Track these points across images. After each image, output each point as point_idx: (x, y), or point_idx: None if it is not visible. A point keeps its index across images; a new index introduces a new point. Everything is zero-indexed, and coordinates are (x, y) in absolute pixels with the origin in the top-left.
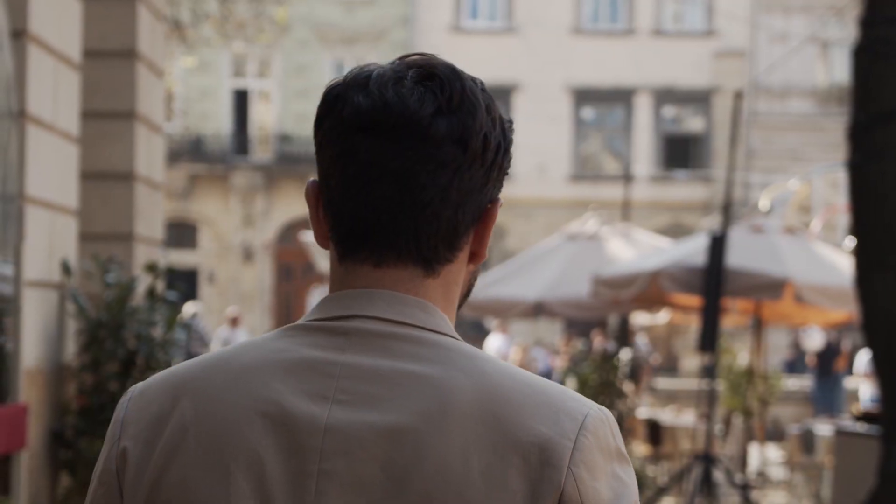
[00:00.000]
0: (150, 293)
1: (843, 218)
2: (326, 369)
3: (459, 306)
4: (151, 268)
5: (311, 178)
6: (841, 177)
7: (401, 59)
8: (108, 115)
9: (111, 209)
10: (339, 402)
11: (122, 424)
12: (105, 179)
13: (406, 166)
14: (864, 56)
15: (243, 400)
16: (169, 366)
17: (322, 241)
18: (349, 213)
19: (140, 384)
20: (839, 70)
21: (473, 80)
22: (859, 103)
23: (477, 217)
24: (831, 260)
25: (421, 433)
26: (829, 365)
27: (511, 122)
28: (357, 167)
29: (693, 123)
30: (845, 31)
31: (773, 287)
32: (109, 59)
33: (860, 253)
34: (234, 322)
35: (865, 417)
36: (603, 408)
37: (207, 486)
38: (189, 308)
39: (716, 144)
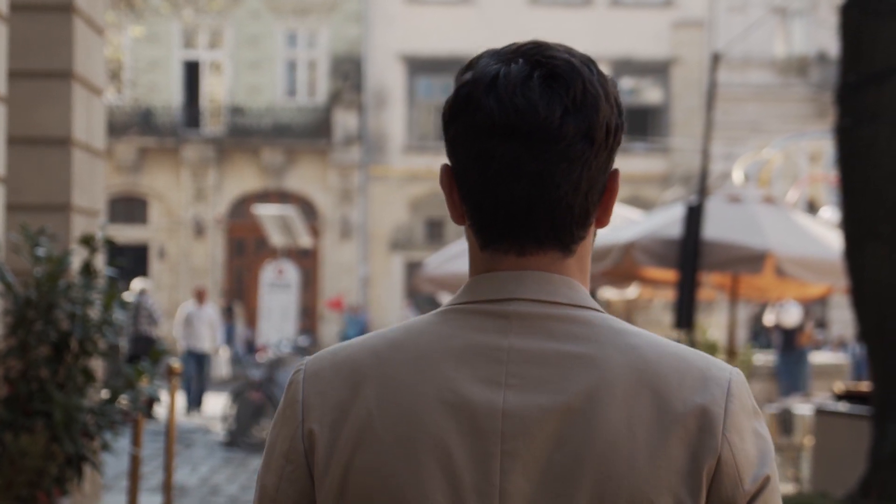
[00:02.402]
0: (86, 269)
1: (822, 188)
2: (495, 354)
3: None
4: (87, 240)
5: (444, 163)
6: (818, 145)
7: (516, 50)
8: (41, 74)
9: (45, 177)
10: (512, 387)
11: (302, 405)
12: (38, 145)
13: (542, 168)
14: (854, 12)
15: (423, 387)
16: (108, 349)
17: (458, 220)
18: (489, 207)
19: (310, 364)
20: (799, 41)
21: (588, 66)
22: (848, 63)
23: (602, 192)
24: (812, 231)
25: (589, 412)
26: (792, 340)
27: (616, 83)
28: (495, 168)
29: (651, 95)
30: (805, 1)
31: (752, 259)
32: (43, 14)
33: (849, 223)
34: (201, 297)
35: (848, 396)
36: (736, 369)
37: (399, 471)
38: (137, 284)
39: (675, 116)
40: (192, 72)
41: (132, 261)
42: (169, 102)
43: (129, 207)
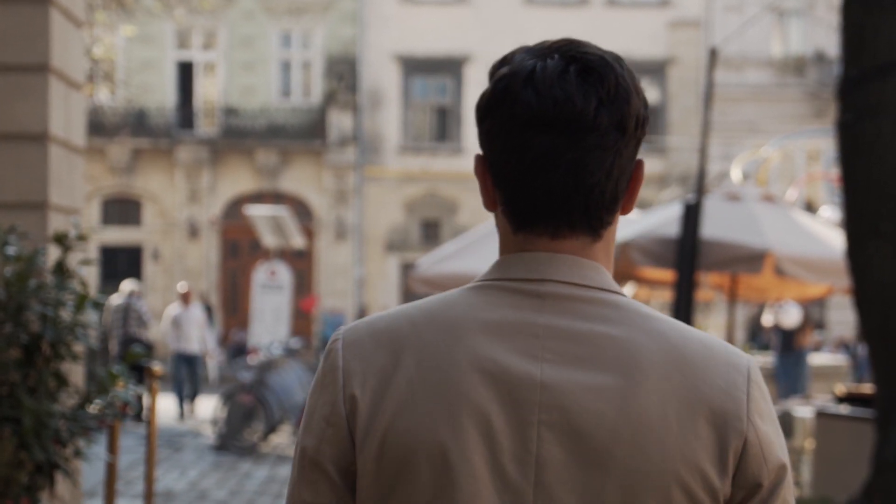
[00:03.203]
0: (58, 268)
1: (823, 186)
2: (531, 329)
3: None
4: (60, 238)
5: (477, 153)
6: (817, 144)
7: (550, 46)
8: (15, 67)
9: (21, 174)
10: (548, 361)
11: (343, 372)
12: (13, 140)
13: (578, 156)
14: (856, 5)
15: (461, 356)
16: (83, 353)
17: (490, 206)
18: (527, 195)
19: (348, 333)
20: (796, 40)
21: (619, 61)
22: (850, 57)
23: (629, 180)
24: (813, 229)
25: (624, 389)
26: (792, 341)
27: (639, 78)
28: (533, 157)
29: (648, 95)
30: (802, 1)
31: (751, 259)
32: (18, 5)
33: (852, 221)
34: (186, 299)
35: (849, 398)
36: (752, 357)
37: (441, 433)
38: (126, 286)
39: (672, 116)
40: (185, 72)
41: (126, 262)
42: (163, 103)
43: (122, 209)
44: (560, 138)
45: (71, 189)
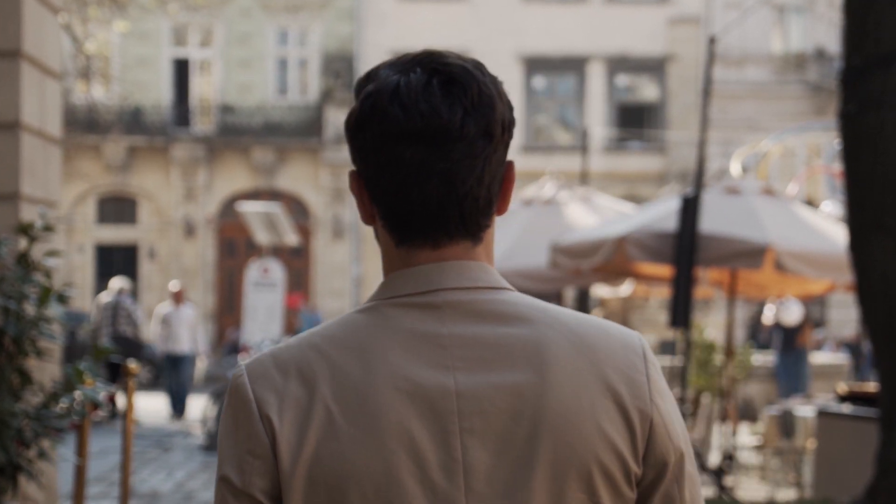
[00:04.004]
0: (22, 259)
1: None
2: (437, 341)
3: None
4: (25, 229)
5: (351, 170)
6: (818, 139)
7: (412, 60)
8: None
9: None
10: (459, 369)
11: (256, 404)
12: None
13: (448, 166)
14: None
15: (374, 378)
16: (48, 348)
17: (368, 221)
18: (403, 207)
19: (251, 367)
20: (796, 37)
21: (479, 69)
22: (853, 46)
23: (501, 183)
24: (814, 224)
25: (537, 385)
26: (792, 339)
27: (501, 82)
28: (406, 171)
29: (647, 92)
30: None
31: (752, 254)
32: None
33: (855, 215)
34: (178, 298)
35: (851, 397)
36: (638, 333)
37: (369, 458)
38: (115, 284)
39: (671, 113)
40: (181, 70)
41: (122, 261)
42: (158, 101)
43: (118, 207)
44: (430, 151)
45: (46, 180)
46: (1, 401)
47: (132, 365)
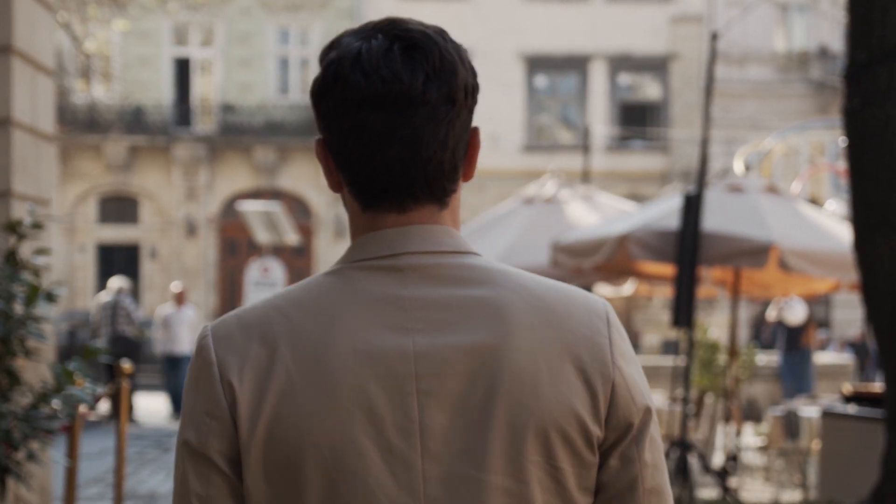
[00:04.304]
0: (10, 258)
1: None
2: (398, 303)
3: None
4: (13, 226)
5: (317, 137)
6: (821, 137)
7: (374, 27)
8: None
9: None
10: (419, 331)
11: (218, 366)
12: None
13: (410, 131)
14: None
15: (334, 340)
16: (38, 348)
17: (335, 188)
18: (368, 172)
19: (217, 328)
20: (799, 36)
21: (442, 35)
22: (857, 41)
23: (466, 148)
24: (818, 222)
25: (495, 347)
26: (796, 339)
27: (465, 49)
28: (369, 136)
29: (650, 91)
30: None
31: (755, 252)
32: None
33: (860, 212)
34: (180, 299)
35: (857, 397)
36: (604, 300)
37: (326, 420)
38: (114, 283)
39: (674, 112)
40: (182, 69)
41: (123, 261)
42: (159, 100)
43: (119, 207)
44: (392, 115)
45: (38, 178)
46: None
47: (126, 365)
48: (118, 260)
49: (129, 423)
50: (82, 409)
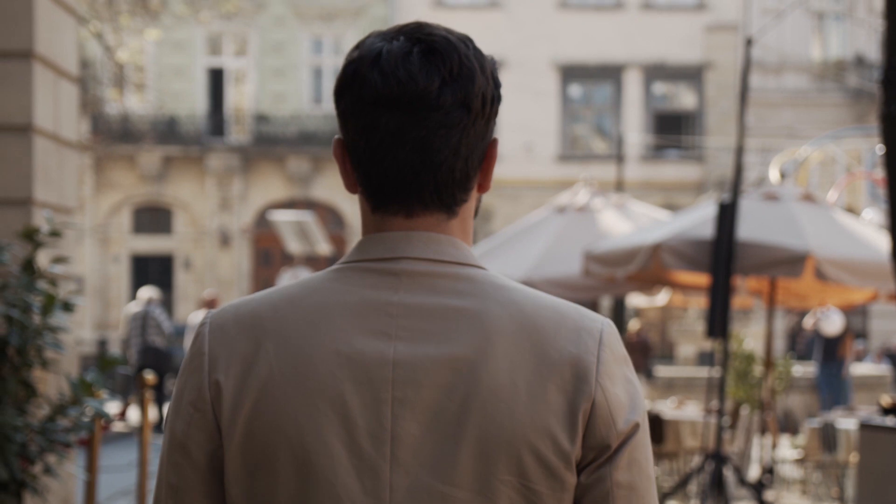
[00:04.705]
0: (27, 266)
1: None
2: (386, 308)
3: None
4: (29, 234)
5: (336, 136)
6: (858, 146)
7: (399, 30)
8: None
9: (1, 169)
10: (401, 339)
11: (208, 357)
12: None
13: (422, 134)
14: None
15: (318, 340)
16: (50, 358)
17: (350, 188)
18: (378, 174)
19: (214, 318)
20: (835, 44)
21: (465, 42)
22: (894, 46)
23: (482, 159)
24: (856, 231)
25: (474, 361)
26: (833, 350)
27: (494, 61)
28: (381, 137)
29: (685, 100)
30: (841, 4)
31: (791, 262)
32: None
33: None
34: (211, 305)
35: (895, 410)
36: (608, 320)
37: (299, 419)
38: (144, 293)
39: (709, 121)
40: (216, 79)
41: (157, 271)
42: (193, 111)
43: (153, 217)
44: (405, 117)
45: (61, 185)
46: (3, 414)
47: (149, 376)
48: (152, 270)
49: (157, 433)
50: (104, 420)
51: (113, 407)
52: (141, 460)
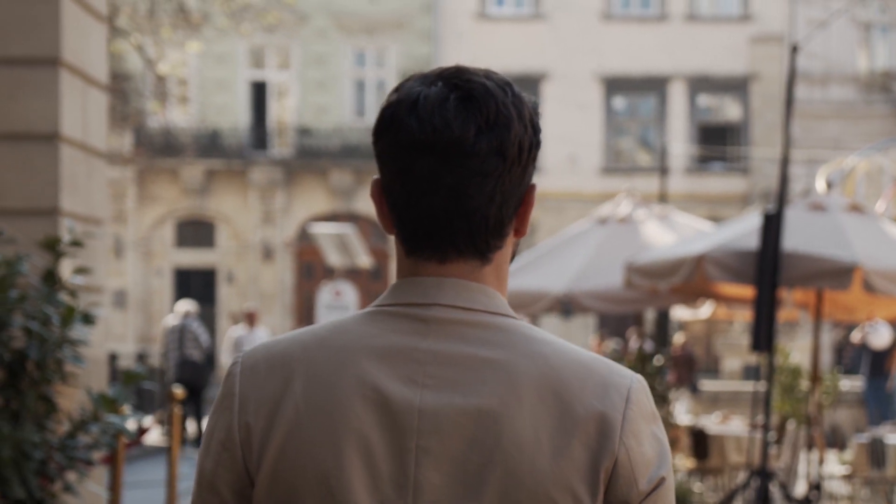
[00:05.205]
0: (48, 277)
1: None
2: (414, 355)
3: None
4: (51, 244)
5: (375, 177)
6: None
7: (438, 74)
8: (20, 60)
9: (27, 178)
10: (428, 387)
11: (239, 398)
12: (18, 141)
13: (456, 181)
14: None
15: (345, 382)
16: (70, 372)
17: (388, 229)
18: (412, 218)
19: (246, 358)
20: (882, 56)
21: (504, 89)
22: None
23: (518, 205)
24: None
25: (499, 414)
26: (881, 364)
27: (536, 105)
28: (415, 182)
29: (730, 111)
30: (888, 15)
31: (839, 274)
32: None
33: None
34: (252, 320)
35: None
36: (639, 376)
37: (324, 461)
38: (181, 306)
39: (754, 133)
40: (259, 92)
41: (200, 285)
42: (236, 124)
43: (196, 231)
44: (440, 163)
45: (89, 195)
46: (21, 430)
47: (178, 391)
48: (195, 284)
49: (191, 449)
50: (126, 437)
51: (144, 422)
52: (169, 478)
